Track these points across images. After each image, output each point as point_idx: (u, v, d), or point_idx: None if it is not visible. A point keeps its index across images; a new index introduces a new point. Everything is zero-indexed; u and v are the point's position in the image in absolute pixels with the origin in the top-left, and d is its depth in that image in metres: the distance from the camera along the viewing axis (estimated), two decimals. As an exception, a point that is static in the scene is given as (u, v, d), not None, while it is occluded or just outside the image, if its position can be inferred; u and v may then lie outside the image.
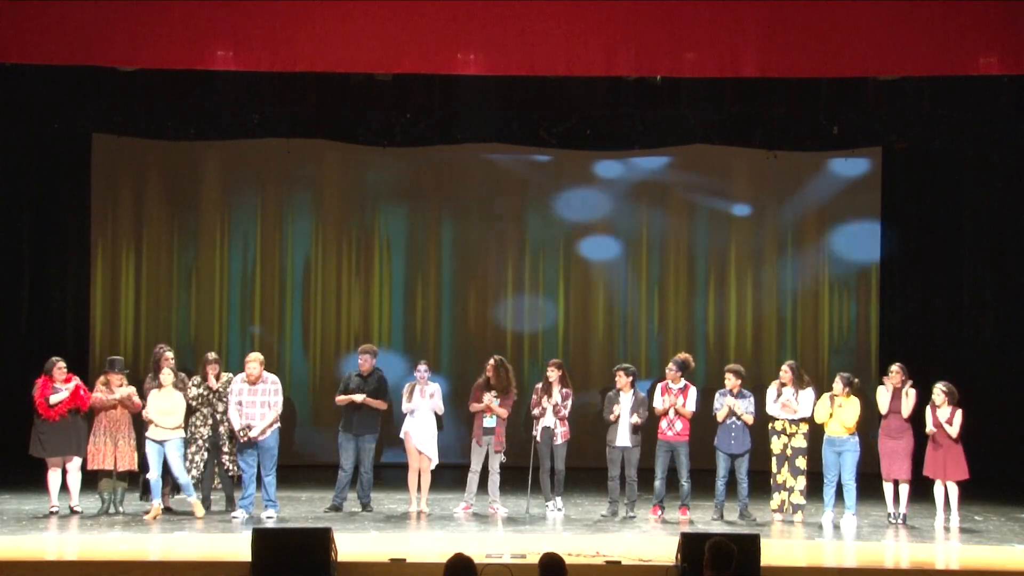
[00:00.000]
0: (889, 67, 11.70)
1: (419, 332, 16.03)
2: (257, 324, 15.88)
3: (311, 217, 16.08)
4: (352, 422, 11.74)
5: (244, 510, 11.29)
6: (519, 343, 15.99)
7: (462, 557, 6.28)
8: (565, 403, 11.77)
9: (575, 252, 16.12)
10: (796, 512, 11.44)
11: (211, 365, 11.59)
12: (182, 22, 11.11)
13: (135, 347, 15.45)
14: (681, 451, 11.50)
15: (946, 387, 11.44)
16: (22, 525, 10.75)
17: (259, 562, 8.35)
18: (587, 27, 11.20)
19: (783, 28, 11.23)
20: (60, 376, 11.44)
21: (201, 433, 11.50)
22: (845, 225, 16.05)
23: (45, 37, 11.12)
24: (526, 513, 11.61)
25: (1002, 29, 11.05)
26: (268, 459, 11.27)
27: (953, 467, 11.33)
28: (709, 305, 16.08)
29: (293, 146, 15.30)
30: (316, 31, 11.17)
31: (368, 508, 11.73)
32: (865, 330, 15.99)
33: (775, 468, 11.49)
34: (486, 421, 11.80)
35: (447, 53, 11.33)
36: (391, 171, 15.95)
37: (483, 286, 16.13)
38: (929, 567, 9.52)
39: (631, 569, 8.79)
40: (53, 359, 11.58)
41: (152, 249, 15.91)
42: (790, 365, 11.71)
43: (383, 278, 16.09)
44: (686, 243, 16.12)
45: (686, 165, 15.99)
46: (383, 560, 8.95)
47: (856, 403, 11.50)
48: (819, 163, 15.74)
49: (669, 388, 11.62)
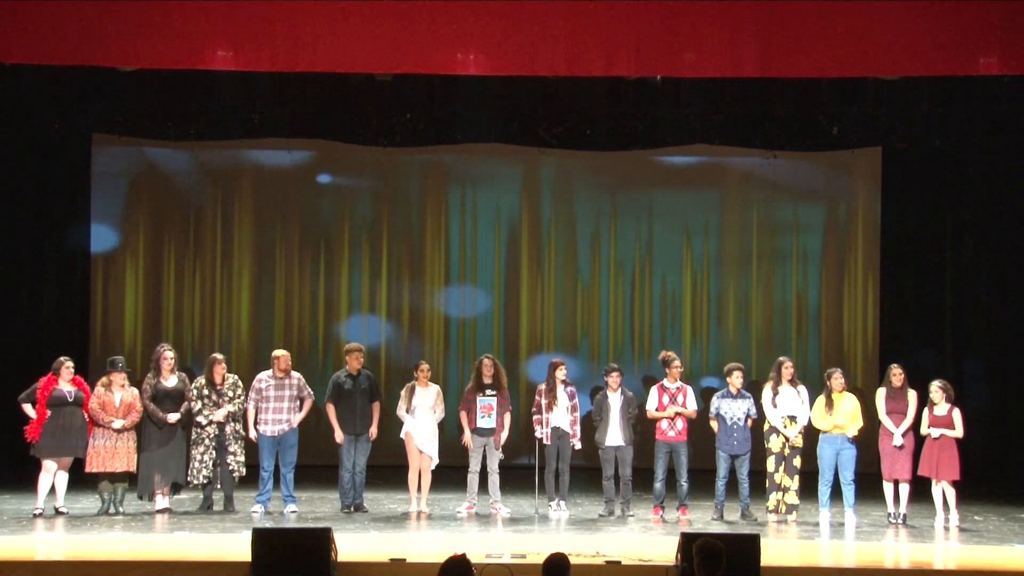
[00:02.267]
0: (889, 67, 11.70)
1: (426, 333, 16.05)
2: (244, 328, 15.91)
3: (311, 217, 16.08)
4: (351, 422, 11.75)
5: (262, 505, 11.47)
6: (518, 342, 16.01)
7: (457, 559, 6.25)
8: (574, 401, 11.78)
9: (573, 252, 16.13)
10: (791, 512, 11.44)
11: (218, 365, 11.62)
12: (182, 22, 11.11)
13: (135, 347, 15.45)
14: (681, 451, 11.50)
15: (943, 385, 11.45)
16: (22, 525, 10.75)
17: (259, 562, 8.34)
18: (587, 27, 11.20)
19: (783, 28, 11.23)
20: (67, 376, 11.42)
21: (208, 432, 11.52)
22: (845, 224, 16.05)
23: (45, 37, 11.12)
24: (535, 513, 11.61)
25: (1002, 29, 11.05)
26: (289, 454, 11.54)
27: (946, 467, 11.30)
28: (707, 305, 16.08)
29: (293, 146, 15.29)
30: (316, 31, 11.18)
31: (361, 508, 11.72)
32: (864, 330, 15.98)
33: (773, 467, 11.49)
34: (483, 422, 11.77)
35: (447, 53, 11.34)
36: (391, 171, 15.96)
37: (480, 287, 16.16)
38: (928, 567, 9.51)
39: (631, 569, 8.78)
40: (62, 359, 11.55)
41: (152, 249, 15.91)
42: (789, 363, 11.72)
43: (390, 279, 16.09)
44: (687, 242, 16.11)
45: (686, 165, 15.99)
46: (383, 560, 8.95)
47: (851, 397, 11.54)
48: (819, 163, 15.73)
49: (665, 388, 11.62)
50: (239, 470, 11.57)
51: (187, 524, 10.87)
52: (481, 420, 11.75)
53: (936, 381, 11.52)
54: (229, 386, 11.61)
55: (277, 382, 11.64)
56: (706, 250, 16.07)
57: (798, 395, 11.55)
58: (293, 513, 11.45)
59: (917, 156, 15.61)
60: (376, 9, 11.23)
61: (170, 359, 11.59)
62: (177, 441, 11.52)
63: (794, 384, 11.59)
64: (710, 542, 6.27)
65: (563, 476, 11.75)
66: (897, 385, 11.66)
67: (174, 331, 15.67)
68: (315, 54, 11.32)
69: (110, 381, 11.47)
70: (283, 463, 11.62)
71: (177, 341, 14.94)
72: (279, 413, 11.60)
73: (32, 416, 11.27)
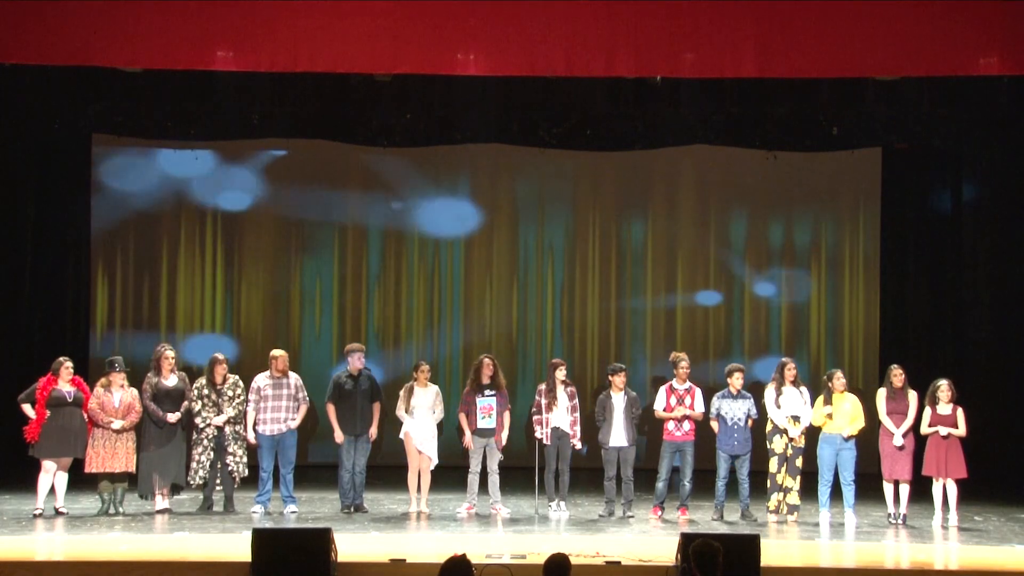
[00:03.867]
0: (889, 67, 11.70)
1: (436, 336, 16.05)
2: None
3: (311, 217, 16.07)
4: (352, 423, 11.75)
5: (262, 506, 11.49)
6: (525, 340, 16.02)
7: (458, 559, 6.25)
8: (574, 402, 11.76)
9: (573, 252, 16.14)
10: (792, 513, 11.44)
11: (219, 365, 11.62)
12: (182, 22, 11.11)
13: (135, 347, 15.44)
14: (688, 451, 11.49)
15: (948, 384, 11.45)
16: (22, 525, 10.76)
17: (259, 562, 8.35)
18: (587, 27, 11.20)
19: (783, 28, 11.23)
20: (67, 376, 11.42)
21: (207, 433, 11.52)
22: (845, 225, 16.05)
23: (45, 37, 11.12)
24: (535, 514, 11.61)
25: (1002, 29, 11.05)
26: (289, 455, 11.58)
27: (953, 466, 11.34)
28: (706, 305, 16.08)
29: (293, 146, 15.28)
30: (316, 31, 11.17)
31: (361, 509, 11.72)
32: (864, 330, 15.98)
33: (775, 468, 11.49)
34: (483, 422, 11.75)
35: (447, 53, 11.33)
36: (391, 171, 15.97)
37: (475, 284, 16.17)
38: (929, 567, 9.51)
39: (631, 569, 8.78)
40: (61, 359, 11.56)
41: (152, 249, 15.91)
42: (791, 363, 11.72)
43: (401, 279, 16.10)
44: (687, 242, 16.12)
45: (686, 165, 16.00)
46: (383, 560, 8.95)
47: (852, 398, 11.56)
48: (819, 163, 15.73)
49: (674, 389, 11.62)
50: (238, 471, 11.56)
51: (187, 524, 10.87)
52: (481, 421, 11.74)
53: (941, 380, 11.53)
54: (229, 386, 11.62)
55: (275, 382, 11.65)
56: (706, 250, 16.07)
57: (800, 396, 11.56)
58: (293, 513, 11.46)
59: (917, 156, 15.61)
60: (376, 9, 11.22)
61: (170, 359, 11.59)
62: (177, 442, 11.52)
63: (797, 385, 11.60)
64: (706, 543, 6.26)
65: (563, 477, 11.75)
66: (898, 386, 11.66)
67: (174, 331, 15.68)
68: (315, 54, 11.32)
69: (109, 382, 11.47)
70: (282, 464, 11.63)
71: (177, 341, 14.95)
72: (277, 412, 11.61)
73: (31, 416, 11.27)
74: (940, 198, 15.76)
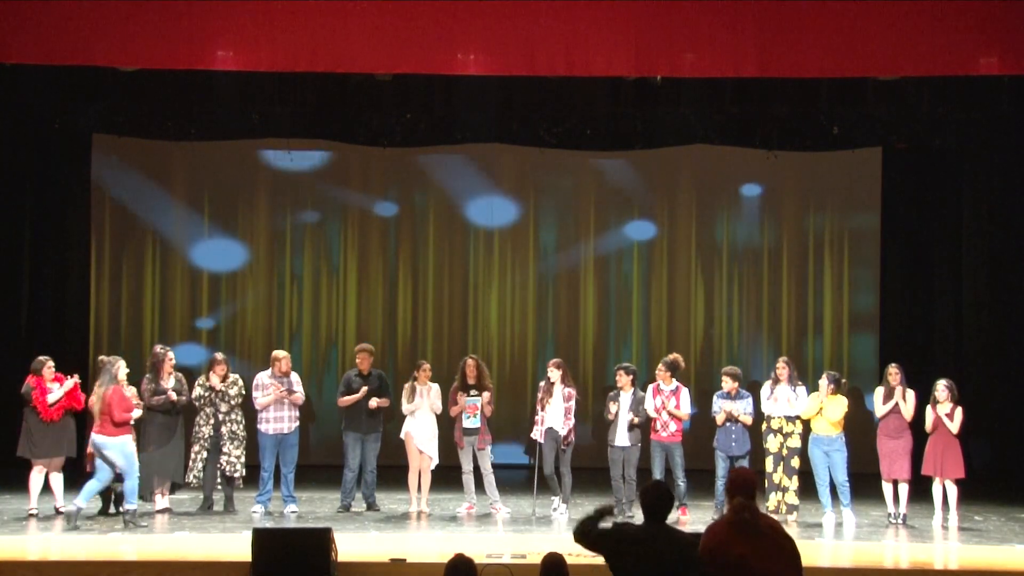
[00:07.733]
0: (889, 67, 11.69)
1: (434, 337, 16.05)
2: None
3: (311, 217, 16.07)
4: (358, 421, 11.77)
5: (262, 506, 11.51)
6: (525, 340, 16.02)
7: (462, 558, 6.26)
8: (568, 403, 11.72)
9: (572, 252, 16.13)
10: (791, 512, 11.44)
11: (219, 365, 11.63)
12: (182, 22, 11.12)
13: (135, 347, 15.44)
14: (675, 452, 11.49)
15: (948, 384, 11.45)
16: (22, 525, 10.76)
17: (259, 562, 8.35)
18: (587, 27, 11.20)
19: (783, 28, 11.23)
20: (49, 375, 11.44)
21: (203, 433, 11.52)
22: (845, 225, 16.05)
23: (45, 37, 11.12)
24: (532, 515, 11.61)
25: (1002, 29, 11.05)
26: (290, 454, 11.60)
27: (951, 465, 11.33)
28: (702, 305, 16.08)
29: (293, 146, 15.29)
30: (316, 31, 11.18)
31: (374, 507, 11.76)
32: (864, 330, 15.98)
33: (771, 467, 11.50)
34: (468, 422, 11.76)
35: (447, 53, 11.34)
36: (390, 170, 15.97)
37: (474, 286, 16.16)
38: (928, 567, 9.51)
39: (631, 569, 8.76)
40: (42, 358, 11.57)
41: (152, 249, 15.91)
42: (785, 361, 11.73)
43: (401, 279, 16.10)
44: (687, 242, 16.12)
45: (686, 165, 16.00)
46: (383, 560, 8.95)
47: (843, 401, 11.52)
48: (819, 163, 15.73)
49: (660, 389, 11.61)
50: (235, 472, 11.54)
51: (187, 524, 10.87)
52: (466, 420, 11.76)
53: (942, 380, 11.53)
54: (229, 385, 11.62)
55: (277, 382, 11.65)
56: (706, 250, 16.07)
57: (796, 394, 11.55)
58: (293, 513, 11.47)
59: (917, 156, 15.61)
60: (376, 9, 11.23)
61: (171, 362, 11.61)
62: (176, 441, 11.53)
63: (793, 383, 11.60)
64: (658, 484, 6.42)
65: (564, 478, 11.72)
66: (894, 385, 11.66)
67: (175, 331, 15.68)
68: (315, 54, 11.32)
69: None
70: (283, 463, 11.66)
71: (177, 341, 14.94)
72: (279, 411, 11.62)
73: (51, 391, 11.27)
74: (940, 198, 15.75)
